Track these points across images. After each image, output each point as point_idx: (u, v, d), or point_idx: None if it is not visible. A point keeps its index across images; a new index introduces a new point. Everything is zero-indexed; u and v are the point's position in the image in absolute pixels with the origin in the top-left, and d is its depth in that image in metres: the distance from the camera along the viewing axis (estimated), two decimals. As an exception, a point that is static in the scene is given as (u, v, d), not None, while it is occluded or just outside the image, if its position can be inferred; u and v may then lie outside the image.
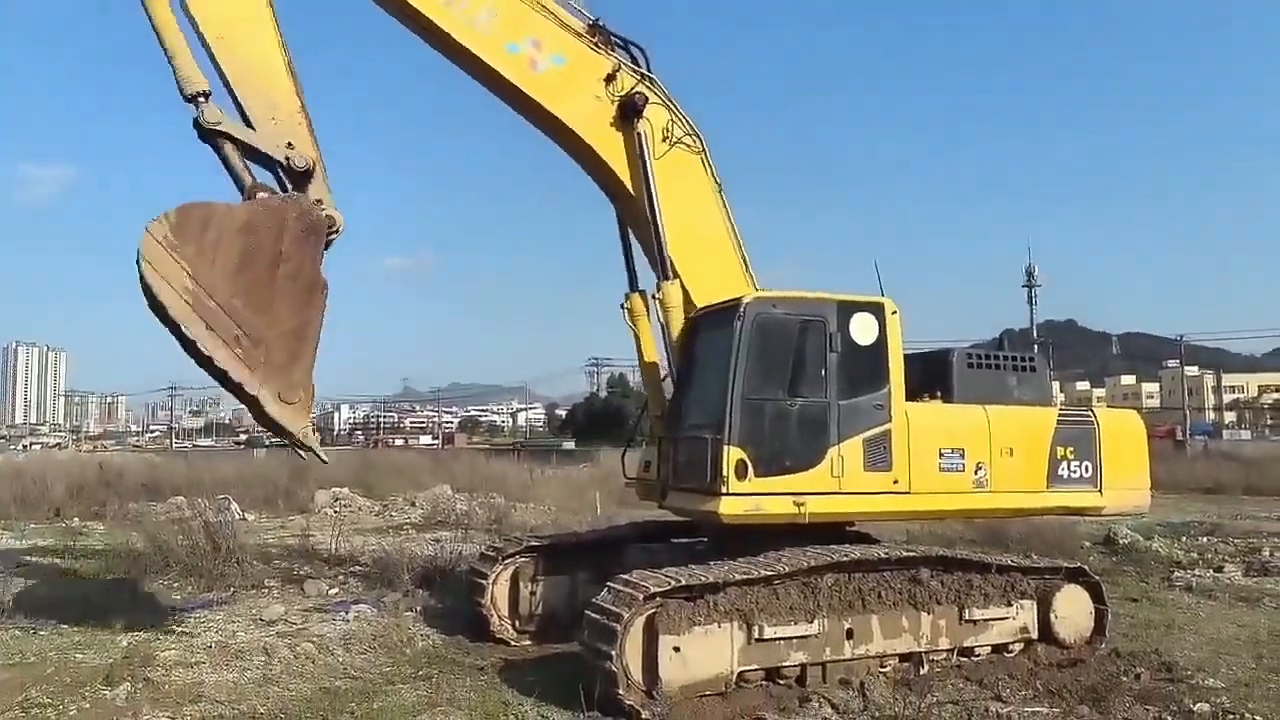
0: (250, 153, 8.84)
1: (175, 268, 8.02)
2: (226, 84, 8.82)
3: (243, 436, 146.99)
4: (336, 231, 8.96)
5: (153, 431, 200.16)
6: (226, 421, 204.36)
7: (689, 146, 11.16)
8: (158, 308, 8.07)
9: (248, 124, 8.82)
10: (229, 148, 8.72)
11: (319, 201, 8.90)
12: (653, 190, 10.72)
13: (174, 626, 11.55)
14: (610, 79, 10.80)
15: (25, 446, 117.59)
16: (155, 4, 8.60)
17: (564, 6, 10.73)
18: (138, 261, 7.98)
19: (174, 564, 14.88)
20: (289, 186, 8.96)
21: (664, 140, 10.99)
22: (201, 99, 8.60)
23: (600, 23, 10.87)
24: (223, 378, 8.30)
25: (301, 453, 8.88)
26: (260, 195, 8.68)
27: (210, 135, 8.66)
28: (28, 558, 17.31)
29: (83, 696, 8.70)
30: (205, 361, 8.19)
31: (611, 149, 10.89)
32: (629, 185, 10.94)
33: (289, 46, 9.09)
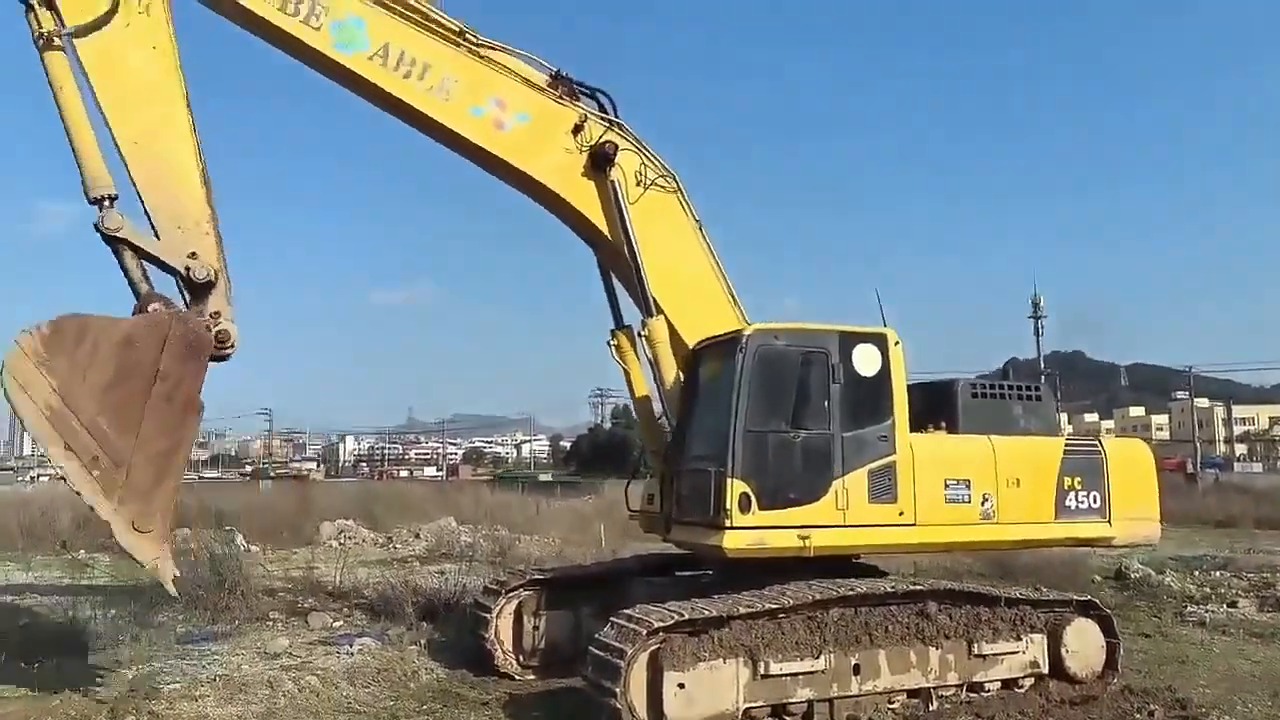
0: (153, 259, 8.67)
1: (40, 382, 7.79)
2: (136, 187, 8.66)
3: (248, 468, 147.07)
4: (231, 348, 8.73)
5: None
6: (232, 454, 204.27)
7: (663, 187, 11.15)
8: (21, 420, 7.92)
9: (154, 230, 8.66)
10: (128, 255, 8.55)
11: (216, 314, 8.70)
12: (631, 235, 10.73)
13: (179, 659, 11.53)
14: (578, 129, 10.78)
15: (33, 478, 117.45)
16: (69, 101, 8.46)
17: (524, 61, 10.71)
18: None
19: (179, 597, 14.77)
20: (186, 297, 8.77)
21: (638, 184, 10.98)
22: (106, 202, 8.44)
23: (563, 74, 10.86)
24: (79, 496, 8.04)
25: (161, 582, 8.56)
26: (152, 307, 8.44)
27: (111, 240, 8.51)
28: (34, 590, 17.27)
29: (86, 730, 8.62)
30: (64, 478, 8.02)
31: (586, 199, 10.88)
32: (607, 232, 10.94)
33: (205, 154, 8.96)
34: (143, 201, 8.67)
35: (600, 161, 10.74)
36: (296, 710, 9.50)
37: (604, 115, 10.99)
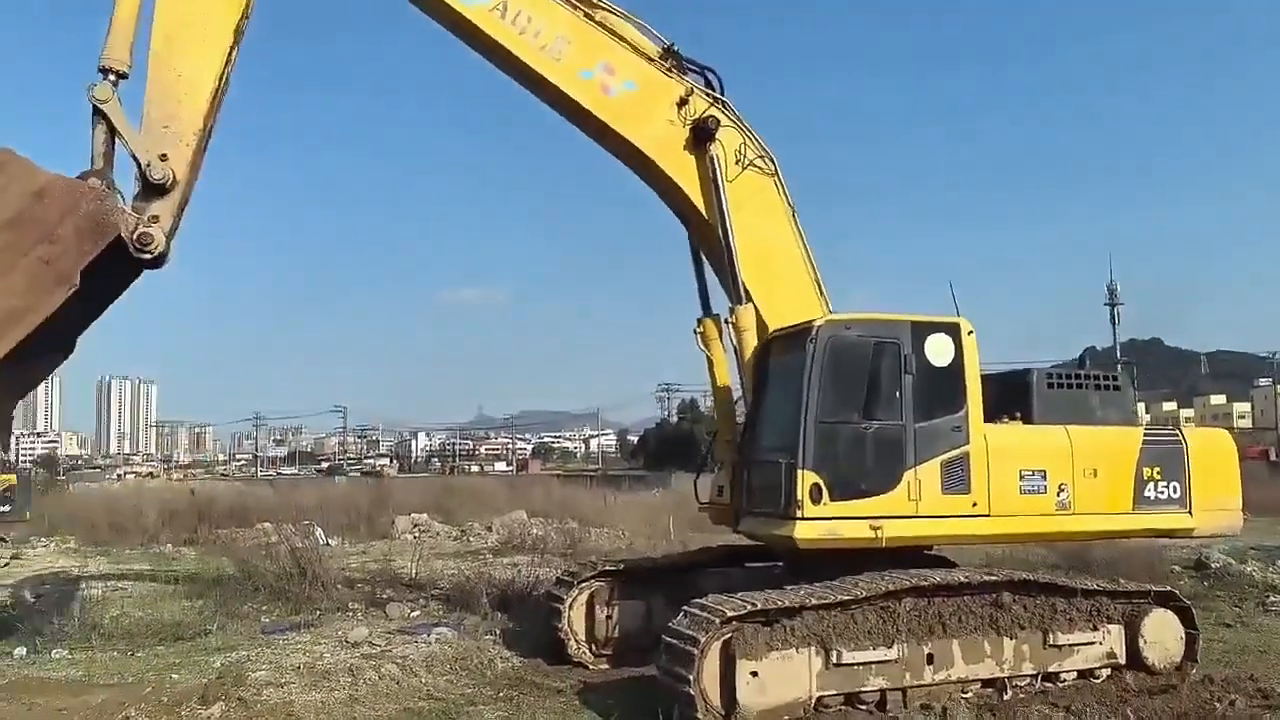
0: (126, 146, 8.45)
1: None
2: (148, 73, 8.58)
3: (324, 465, 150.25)
4: (152, 254, 8.29)
5: (238, 460, 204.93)
6: (309, 450, 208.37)
7: (761, 169, 11.22)
8: None
9: (142, 125, 8.49)
10: (100, 130, 8.39)
11: (155, 218, 8.35)
12: (725, 213, 10.78)
13: (264, 648, 11.87)
14: (683, 103, 10.95)
15: (120, 476, 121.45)
16: None
17: (638, 30, 10.95)
18: None
19: (262, 588, 15.26)
20: (137, 190, 8.50)
21: (736, 163, 11.07)
22: (111, 77, 8.38)
23: (674, 48, 11.07)
24: None
25: None
26: (91, 181, 8.17)
27: (95, 110, 8.37)
28: (124, 583, 17.91)
29: (179, 715, 8.95)
30: None
31: (684, 172, 11.00)
32: (701, 208, 11.03)
33: (232, 83, 8.91)
34: (146, 92, 8.53)
35: (702, 136, 10.89)
36: (378, 696, 9.74)
37: (709, 92, 11.16)
